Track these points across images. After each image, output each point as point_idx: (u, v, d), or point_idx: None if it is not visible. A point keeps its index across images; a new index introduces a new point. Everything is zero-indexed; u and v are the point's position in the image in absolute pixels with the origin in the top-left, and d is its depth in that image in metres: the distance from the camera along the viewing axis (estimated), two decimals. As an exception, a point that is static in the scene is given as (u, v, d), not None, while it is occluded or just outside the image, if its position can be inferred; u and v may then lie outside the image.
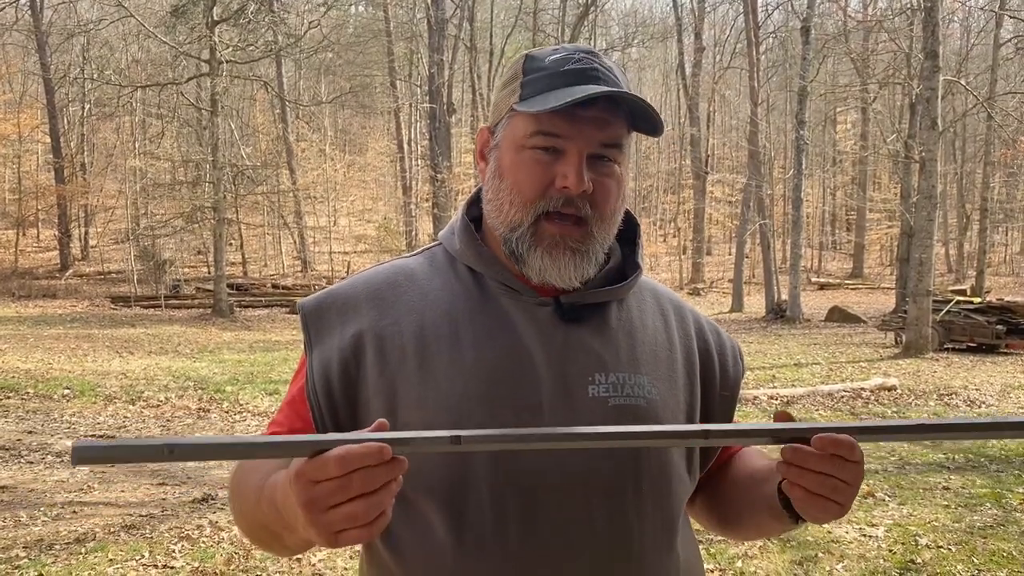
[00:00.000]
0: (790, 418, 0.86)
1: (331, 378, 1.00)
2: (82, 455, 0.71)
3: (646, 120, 1.00)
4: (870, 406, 8.75)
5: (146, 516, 4.85)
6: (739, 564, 4.05)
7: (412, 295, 1.04)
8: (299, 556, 4.11)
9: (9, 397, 8.84)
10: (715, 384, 1.12)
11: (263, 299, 23.82)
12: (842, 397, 9.18)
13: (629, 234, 1.13)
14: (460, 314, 1.02)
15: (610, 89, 0.95)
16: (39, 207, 30.38)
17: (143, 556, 4.15)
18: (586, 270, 1.01)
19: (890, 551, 4.28)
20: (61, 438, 7.02)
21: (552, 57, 1.00)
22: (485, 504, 0.94)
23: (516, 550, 0.94)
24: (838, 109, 35.14)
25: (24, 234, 29.58)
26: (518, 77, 1.02)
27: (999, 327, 13.31)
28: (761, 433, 0.85)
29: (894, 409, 8.54)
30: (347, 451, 0.72)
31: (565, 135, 0.97)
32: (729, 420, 1.14)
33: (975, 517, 4.84)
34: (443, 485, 0.95)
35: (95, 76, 27.74)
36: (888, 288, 27.83)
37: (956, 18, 30.37)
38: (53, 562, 4.06)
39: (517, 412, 0.96)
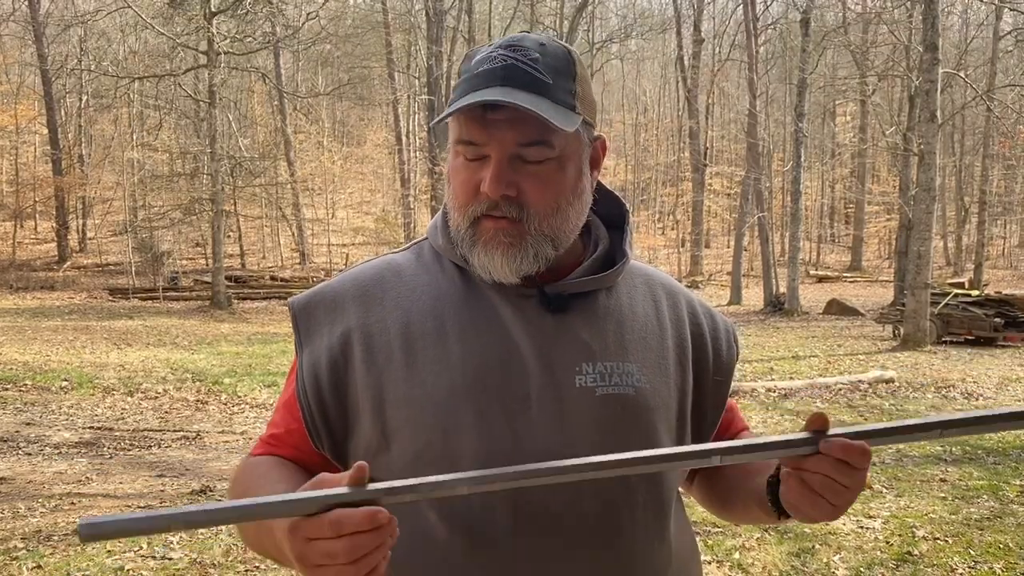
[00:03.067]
0: (824, 421, 0.84)
1: (320, 378, 1.01)
2: (90, 531, 0.70)
3: (550, 120, 0.92)
4: (868, 399, 8.76)
5: (144, 507, 4.85)
6: (736, 556, 4.06)
7: (399, 291, 1.04)
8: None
9: (7, 389, 8.84)
10: (708, 369, 1.11)
11: (261, 291, 23.80)
12: (840, 390, 9.19)
13: (619, 221, 1.12)
14: (446, 309, 1.02)
15: (482, 99, 0.92)
16: (37, 199, 30.30)
17: (141, 548, 4.15)
18: (522, 265, 0.98)
19: (887, 543, 4.29)
20: (59, 430, 7.02)
21: (479, 56, 0.99)
22: (475, 499, 0.93)
23: (507, 543, 0.94)
24: (837, 102, 35.10)
25: (22, 226, 29.51)
26: (457, 79, 1.02)
27: (997, 320, 13.32)
28: (774, 446, 0.84)
29: (892, 402, 8.55)
30: (341, 517, 0.73)
31: (480, 142, 0.96)
32: (722, 405, 1.13)
33: (972, 509, 4.85)
34: None
35: (92, 67, 27.68)
36: (886, 281, 27.84)
37: (956, 10, 30.32)
38: (51, 553, 4.07)
39: (505, 405, 0.96)
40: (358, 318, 1.02)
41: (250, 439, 6.92)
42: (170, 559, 4.02)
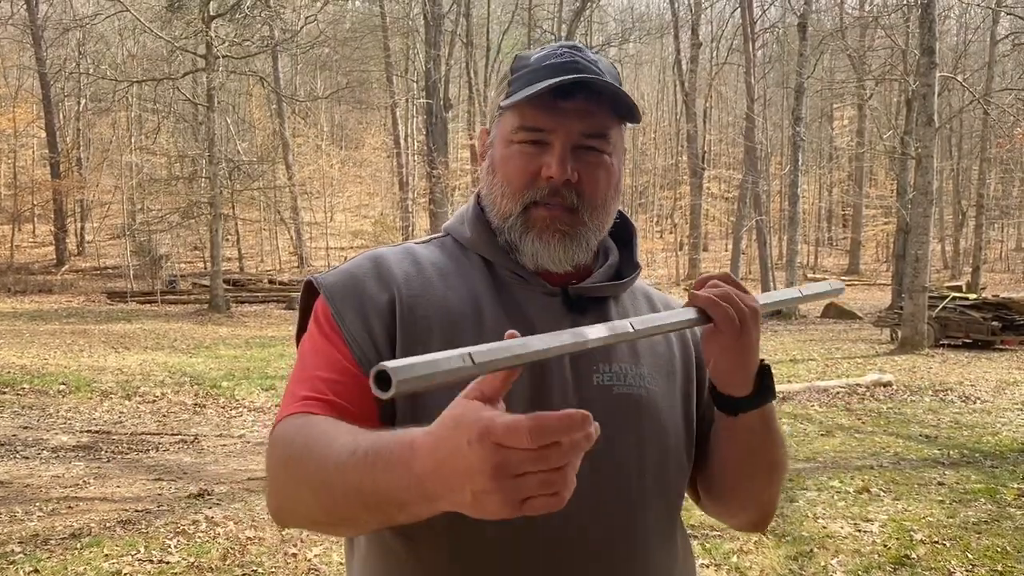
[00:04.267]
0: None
1: (375, 335, 0.98)
2: (404, 383, 0.63)
3: (625, 107, 1.01)
4: (865, 402, 8.77)
5: (142, 511, 4.85)
6: (734, 559, 4.06)
7: (431, 274, 1.05)
8: (294, 551, 4.12)
9: (4, 393, 8.82)
10: (706, 380, 1.14)
11: (259, 295, 23.80)
12: (838, 393, 9.20)
13: (625, 236, 1.15)
14: (482, 298, 1.04)
15: (578, 76, 0.97)
16: (35, 202, 30.32)
17: (138, 551, 4.15)
18: (576, 254, 1.03)
19: (885, 546, 4.29)
20: (57, 433, 7.02)
21: (538, 55, 1.04)
22: None
23: (527, 538, 0.96)
24: (835, 105, 35.17)
25: (20, 229, 29.51)
26: (507, 77, 1.05)
27: (994, 323, 13.34)
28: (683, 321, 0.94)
29: (889, 405, 8.56)
30: (543, 424, 0.65)
31: (547, 128, 1.00)
32: None
33: (969, 512, 4.86)
34: None
35: (91, 71, 27.70)
36: (884, 284, 27.86)
37: (953, 14, 30.36)
38: (48, 557, 4.06)
39: (529, 396, 0.98)
40: (397, 290, 1.01)
41: (248, 443, 6.91)
42: (167, 563, 4.01)
